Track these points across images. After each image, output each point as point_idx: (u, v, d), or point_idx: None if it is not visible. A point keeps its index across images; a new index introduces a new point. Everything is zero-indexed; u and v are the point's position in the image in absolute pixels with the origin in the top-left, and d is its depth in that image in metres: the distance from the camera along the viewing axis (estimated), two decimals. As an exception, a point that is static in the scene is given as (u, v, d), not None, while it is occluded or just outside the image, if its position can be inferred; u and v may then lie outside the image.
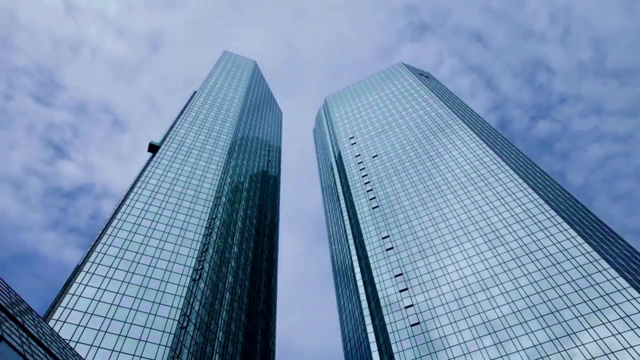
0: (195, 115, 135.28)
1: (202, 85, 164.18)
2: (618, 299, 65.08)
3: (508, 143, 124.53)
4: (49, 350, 29.80)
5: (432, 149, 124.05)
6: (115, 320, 61.36)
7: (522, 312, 70.26)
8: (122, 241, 75.65)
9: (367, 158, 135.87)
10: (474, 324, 72.32)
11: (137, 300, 65.86)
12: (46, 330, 35.09)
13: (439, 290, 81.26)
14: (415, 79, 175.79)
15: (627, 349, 58.54)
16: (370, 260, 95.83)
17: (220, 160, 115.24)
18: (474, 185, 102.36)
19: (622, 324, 61.87)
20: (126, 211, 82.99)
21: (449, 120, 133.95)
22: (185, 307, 68.54)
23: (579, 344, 61.97)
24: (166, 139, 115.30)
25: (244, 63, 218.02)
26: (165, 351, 59.68)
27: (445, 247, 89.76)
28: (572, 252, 75.59)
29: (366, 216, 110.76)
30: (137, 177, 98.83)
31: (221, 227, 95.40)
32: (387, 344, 76.11)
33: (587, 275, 70.68)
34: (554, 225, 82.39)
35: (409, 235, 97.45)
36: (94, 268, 68.31)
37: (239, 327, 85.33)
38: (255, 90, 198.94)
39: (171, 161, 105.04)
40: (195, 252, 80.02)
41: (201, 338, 68.72)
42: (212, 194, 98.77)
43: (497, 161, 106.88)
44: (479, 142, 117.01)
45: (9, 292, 32.99)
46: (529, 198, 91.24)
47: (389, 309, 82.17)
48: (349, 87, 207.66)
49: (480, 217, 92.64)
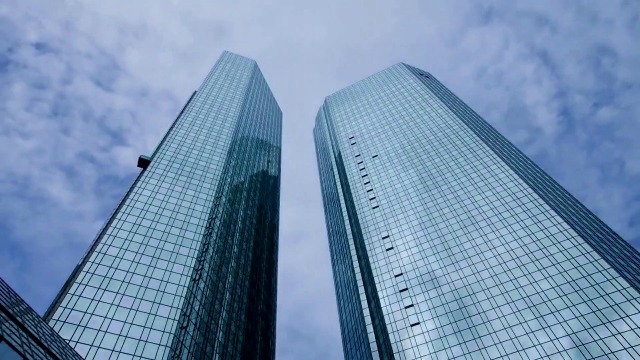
0: (196, 115, 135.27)
1: (202, 85, 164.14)
2: (618, 299, 65.08)
3: (508, 143, 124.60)
4: (49, 350, 29.79)
5: (432, 149, 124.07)
6: (115, 320, 61.36)
7: (522, 313, 70.25)
8: (122, 241, 75.64)
9: (367, 158, 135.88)
10: (474, 324, 72.32)
11: (137, 300, 65.85)
12: (46, 330, 35.08)
13: (439, 290, 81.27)
14: (415, 79, 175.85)
15: (627, 349, 58.54)
16: (370, 260, 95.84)
17: (220, 160, 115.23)
18: (474, 185, 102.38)
19: (622, 324, 61.89)
20: (126, 211, 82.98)
21: (448, 120, 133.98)
22: (185, 307, 68.54)
23: (579, 344, 61.97)
24: (166, 139, 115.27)
25: (244, 63, 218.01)
26: (165, 351, 59.68)
27: (445, 247, 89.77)
28: (572, 252, 75.60)
29: (366, 216, 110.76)
30: (137, 176, 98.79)
31: (221, 227, 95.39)
32: (387, 344, 76.11)
33: (587, 275, 70.69)
34: (554, 225, 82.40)
35: (409, 235, 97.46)
36: (94, 268, 68.31)
37: (239, 327, 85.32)
38: (255, 90, 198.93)
39: (171, 161, 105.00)
40: (195, 252, 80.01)
41: (201, 338, 68.71)
42: (212, 194, 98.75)
43: (496, 160, 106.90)
44: (478, 142, 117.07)
45: (9, 292, 32.98)
46: (528, 198, 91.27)
47: (389, 309, 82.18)
48: (349, 87, 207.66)
49: (480, 217, 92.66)
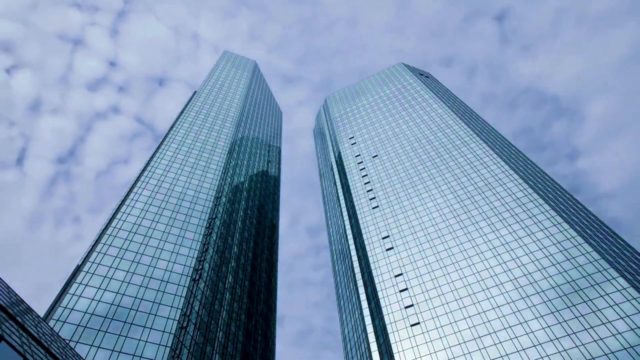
0: (196, 115, 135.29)
1: (202, 85, 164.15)
2: (618, 299, 65.08)
3: (507, 142, 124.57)
4: (49, 350, 29.80)
5: (432, 149, 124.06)
6: (115, 320, 61.37)
7: (522, 312, 70.27)
8: (122, 241, 75.66)
9: (367, 158, 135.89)
10: (474, 324, 72.32)
11: (137, 300, 65.87)
12: (46, 330, 35.08)
13: (439, 290, 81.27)
14: (415, 79, 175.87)
15: (627, 349, 58.54)
16: (370, 260, 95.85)
17: (220, 160, 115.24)
18: (474, 185, 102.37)
19: (622, 324, 61.88)
20: (126, 211, 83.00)
21: (449, 121, 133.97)
22: (185, 307, 68.55)
23: (578, 344, 61.98)
24: (166, 139, 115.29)
25: (244, 63, 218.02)
26: (165, 351, 59.70)
27: (445, 247, 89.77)
28: (572, 252, 75.61)
29: (366, 216, 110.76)
30: (137, 177, 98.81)
31: (221, 227, 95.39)
32: (387, 344, 76.11)
33: (587, 275, 70.69)
34: (554, 225, 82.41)
35: (409, 235, 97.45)
36: (94, 268, 68.33)
37: (239, 327, 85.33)
38: (255, 90, 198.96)
39: (171, 161, 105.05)
40: (195, 252, 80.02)
41: (201, 338, 68.72)
42: (212, 194, 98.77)
43: (497, 161, 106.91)
44: (478, 142, 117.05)
45: (9, 292, 32.99)
46: (528, 198, 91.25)
47: (389, 309, 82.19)
48: (349, 87, 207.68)
49: (480, 217, 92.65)
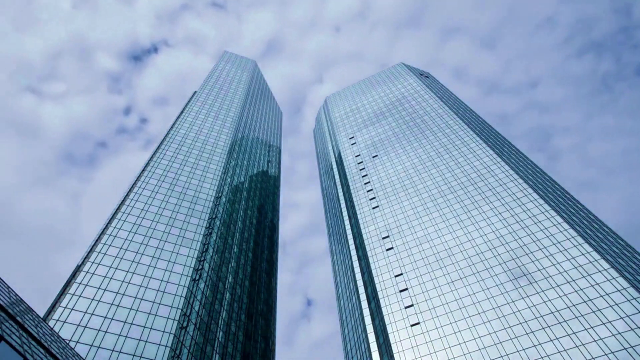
0: (195, 115, 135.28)
1: (202, 85, 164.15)
2: (618, 299, 65.08)
3: (508, 143, 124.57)
4: (49, 350, 29.79)
5: (432, 149, 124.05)
6: (115, 320, 61.37)
7: (522, 313, 70.26)
8: (122, 241, 75.66)
9: (367, 158, 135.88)
10: (474, 324, 72.32)
11: (137, 300, 65.87)
12: (46, 330, 35.08)
13: (439, 290, 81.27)
14: (415, 78, 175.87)
15: (627, 349, 58.55)
16: (370, 260, 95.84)
17: (220, 160, 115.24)
18: (474, 185, 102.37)
19: (622, 324, 61.89)
20: (126, 211, 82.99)
21: (448, 120, 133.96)
22: (185, 307, 68.55)
23: (579, 344, 61.98)
24: (166, 139, 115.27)
25: (244, 63, 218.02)
26: (165, 351, 59.70)
27: (445, 247, 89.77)
28: (572, 252, 75.61)
29: (366, 216, 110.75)
30: (137, 177, 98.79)
31: (221, 227, 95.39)
32: (387, 344, 76.11)
33: (587, 275, 70.69)
34: (554, 225, 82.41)
35: (409, 235, 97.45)
36: (94, 268, 68.33)
37: (239, 327, 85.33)
38: (255, 90, 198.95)
39: (171, 161, 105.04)
40: (195, 252, 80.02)
41: (201, 338, 68.72)
42: (212, 194, 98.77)
43: (497, 161, 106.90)
44: (478, 142, 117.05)
45: (9, 292, 32.98)
46: (528, 198, 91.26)
47: (389, 309, 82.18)
48: (349, 87, 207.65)
49: (480, 217, 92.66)
